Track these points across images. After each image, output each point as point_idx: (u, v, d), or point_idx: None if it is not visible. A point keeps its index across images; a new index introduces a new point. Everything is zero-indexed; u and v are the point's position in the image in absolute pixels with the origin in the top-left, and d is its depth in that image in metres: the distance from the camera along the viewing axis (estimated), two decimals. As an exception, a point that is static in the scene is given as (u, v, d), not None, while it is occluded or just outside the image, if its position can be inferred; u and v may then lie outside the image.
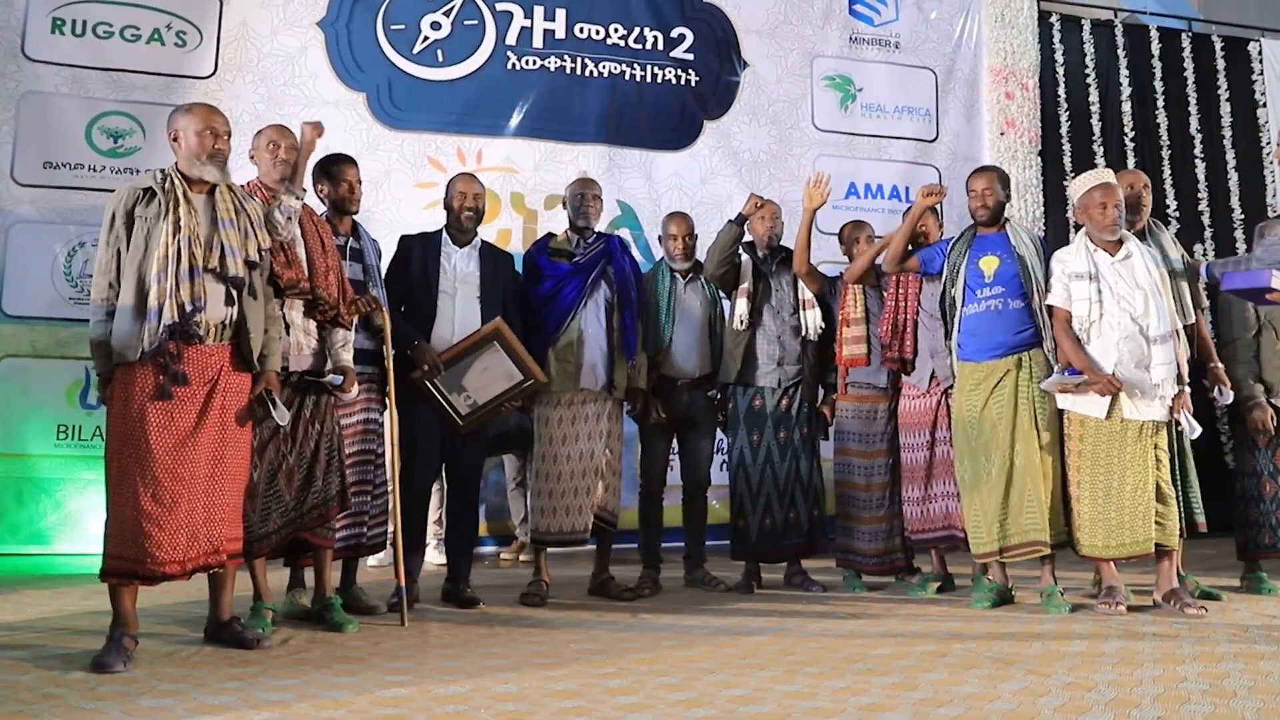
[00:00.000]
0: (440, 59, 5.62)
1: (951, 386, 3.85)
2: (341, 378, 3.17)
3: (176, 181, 2.79)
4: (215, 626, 2.92)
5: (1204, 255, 6.57)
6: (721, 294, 4.21)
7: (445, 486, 4.25)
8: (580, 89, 5.81)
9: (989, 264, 3.70)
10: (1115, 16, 7.21)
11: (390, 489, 3.41)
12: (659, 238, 4.29)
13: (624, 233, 5.47)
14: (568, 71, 5.79)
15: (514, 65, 5.71)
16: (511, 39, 5.71)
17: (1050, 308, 3.57)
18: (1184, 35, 7.17)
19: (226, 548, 2.81)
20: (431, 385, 3.50)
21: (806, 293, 4.11)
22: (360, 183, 3.58)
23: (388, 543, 3.51)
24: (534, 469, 3.81)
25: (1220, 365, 3.79)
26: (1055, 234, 6.20)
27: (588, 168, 5.76)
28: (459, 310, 3.61)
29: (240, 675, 2.53)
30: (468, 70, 5.66)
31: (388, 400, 3.45)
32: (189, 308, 2.68)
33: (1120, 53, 6.96)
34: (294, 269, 3.11)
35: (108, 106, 5.21)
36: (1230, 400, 3.74)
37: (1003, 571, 3.63)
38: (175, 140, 2.87)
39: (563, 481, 3.73)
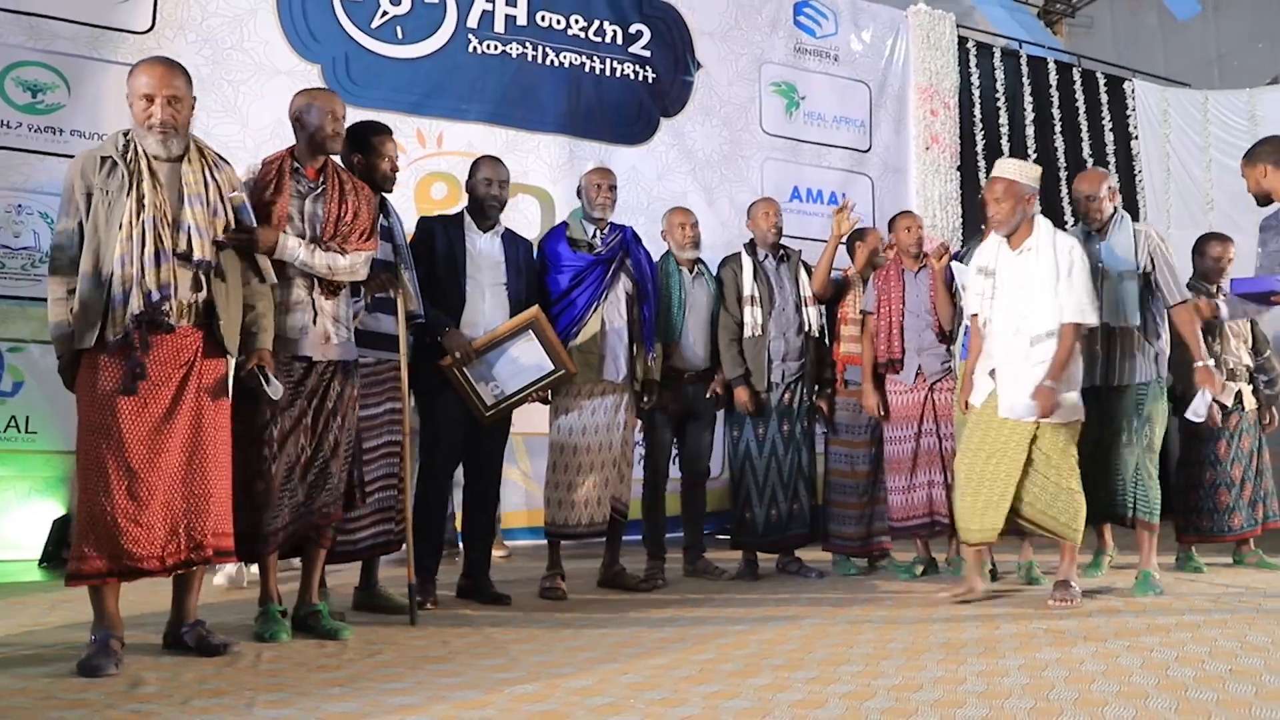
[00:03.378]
0: (400, 35, 5.39)
1: (938, 382, 4.11)
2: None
3: (140, 150, 2.53)
4: (176, 631, 2.63)
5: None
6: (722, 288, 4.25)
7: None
8: (541, 78, 5.72)
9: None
10: (1020, 47, 7.80)
11: (401, 481, 3.23)
12: (661, 232, 4.29)
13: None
14: (529, 59, 5.69)
15: (475, 49, 5.55)
16: (473, 21, 5.56)
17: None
18: (1074, 70, 7.83)
19: (212, 543, 2.57)
20: (460, 373, 3.36)
21: (808, 289, 4.22)
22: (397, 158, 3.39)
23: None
24: (551, 461, 3.72)
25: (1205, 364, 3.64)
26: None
27: (548, 157, 5.70)
28: (488, 297, 3.48)
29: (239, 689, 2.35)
30: (428, 50, 5.46)
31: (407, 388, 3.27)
32: (156, 295, 2.45)
33: (1024, 80, 7.53)
34: None
35: (25, 55, 4.67)
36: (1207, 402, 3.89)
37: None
38: (130, 104, 2.59)
39: (582, 473, 3.67)
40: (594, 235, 3.80)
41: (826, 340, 4.37)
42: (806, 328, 4.20)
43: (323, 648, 2.69)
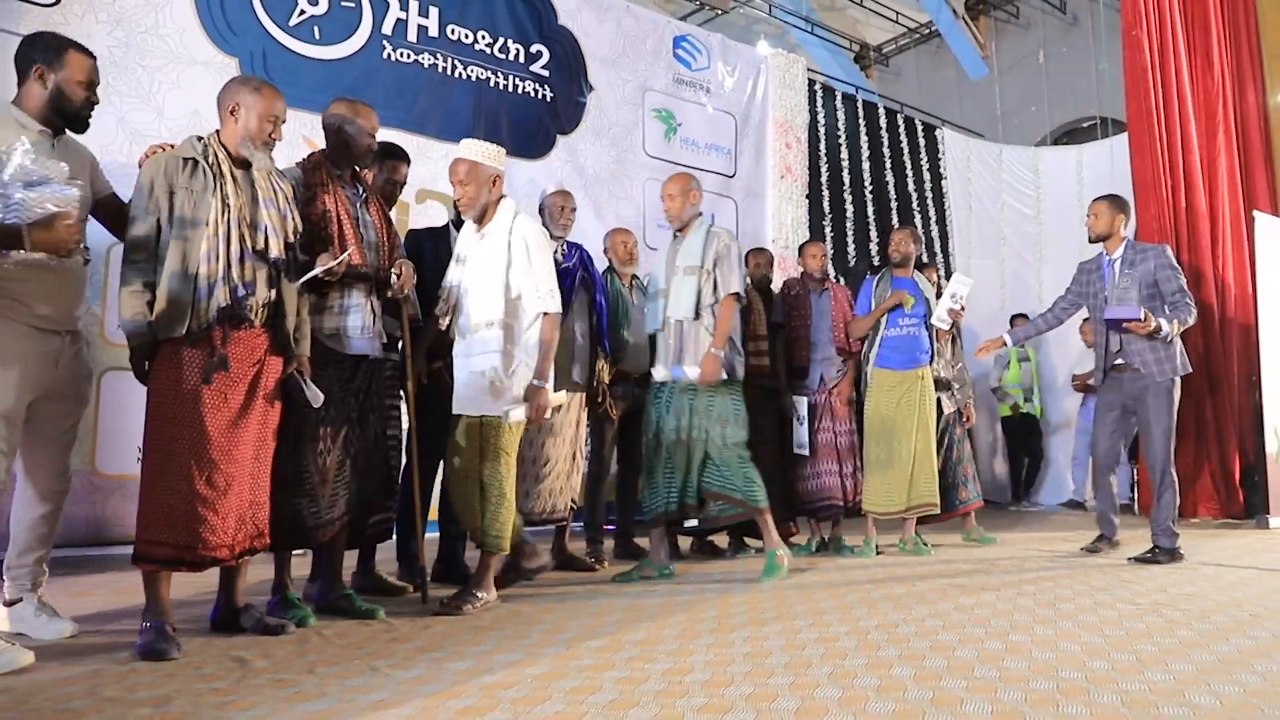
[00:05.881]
0: (316, 35, 5.44)
1: (836, 386, 4.83)
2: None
3: (221, 156, 2.72)
4: (229, 614, 2.79)
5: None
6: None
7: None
8: (451, 89, 5.94)
9: (907, 300, 4.67)
10: (857, 92, 8.80)
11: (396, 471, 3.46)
12: (604, 250, 4.70)
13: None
14: (439, 70, 5.90)
15: (390, 55, 5.70)
16: (388, 28, 5.70)
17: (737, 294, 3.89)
18: (899, 115, 8.93)
19: (267, 531, 2.79)
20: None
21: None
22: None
23: None
24: (519, 454, 4.01)
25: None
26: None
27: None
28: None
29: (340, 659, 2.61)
30: (344, 53, 5.54)
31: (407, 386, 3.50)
32: (241, 290, 2.65)
33: (860, 122, 8.53)
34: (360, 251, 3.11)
35: (-91, 21, 4.39)
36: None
37: (913, 526, 4.71)
38: (231, 113, 2.77)
39: (549, 467, 4.02)
40: (556, 251, 4.15)
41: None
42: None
43: (369, 626, 2.91)
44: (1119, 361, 4.41)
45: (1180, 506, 6.08)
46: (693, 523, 4.17)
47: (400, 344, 3.39)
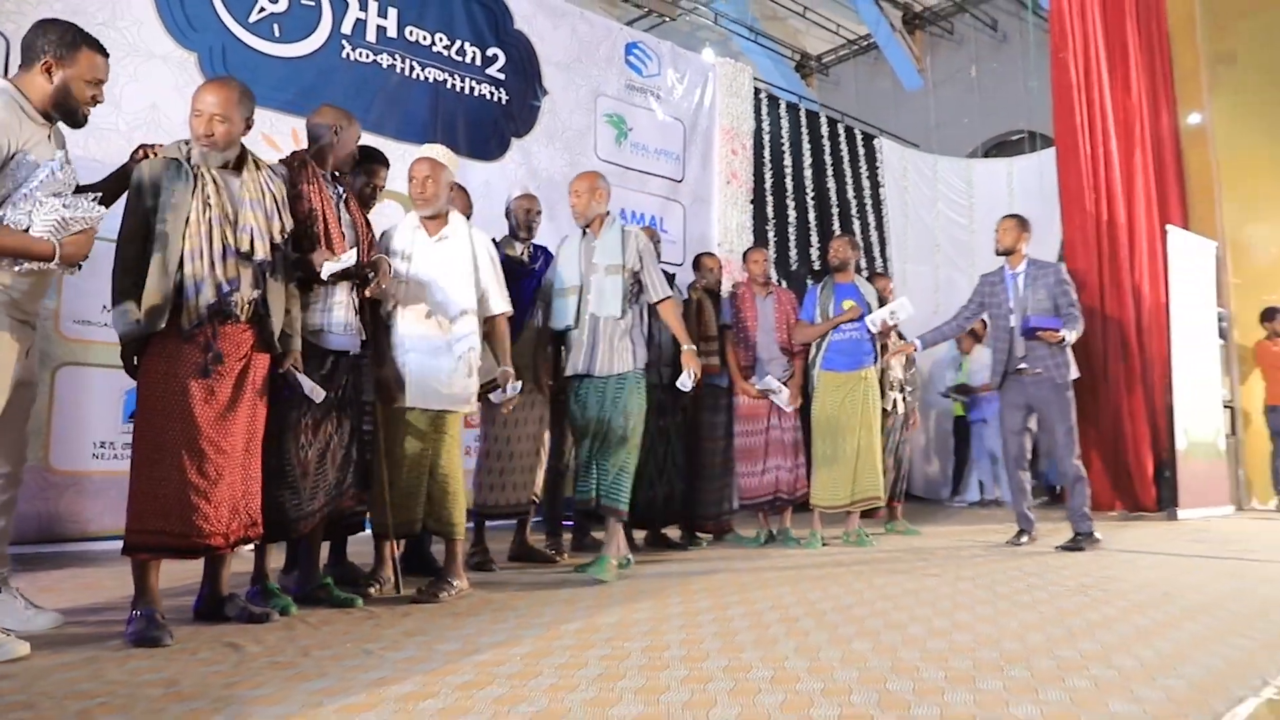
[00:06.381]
0: (276, 33, 5.47)
1: (785, 383, 5.04)
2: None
3: (201, 160, 2.77)
4: (214, 604, 2.87)
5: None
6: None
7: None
8: (409, 90, 6.01)
9: (849, 305, 4.92)
10: (800, 101, 9.08)
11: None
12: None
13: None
14: (398, 71, 5.97)
15: (349, 55, 5.75)
16: (347, 28, 5.75)
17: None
18: (840, 125, 9.25)
19: (260, 520, 2.87)
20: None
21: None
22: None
23: None
24: (485, 449, 4.16)
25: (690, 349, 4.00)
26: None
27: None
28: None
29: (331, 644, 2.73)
30: (304, 51, 5.58)
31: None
32: (226, 288, 2.73)
33: (803, 130, 8.81)
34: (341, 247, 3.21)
35: None
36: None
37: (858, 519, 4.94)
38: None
39: (513, 461, 4.15)
40: (523, 253, 4.29)
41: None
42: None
43: (350, 614, 3.01)
44: (1022, 365, 4.82)
45: (1100, 500, 6.55)
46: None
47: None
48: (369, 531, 3.53)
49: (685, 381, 3.90)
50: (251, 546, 3.27)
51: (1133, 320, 6.87)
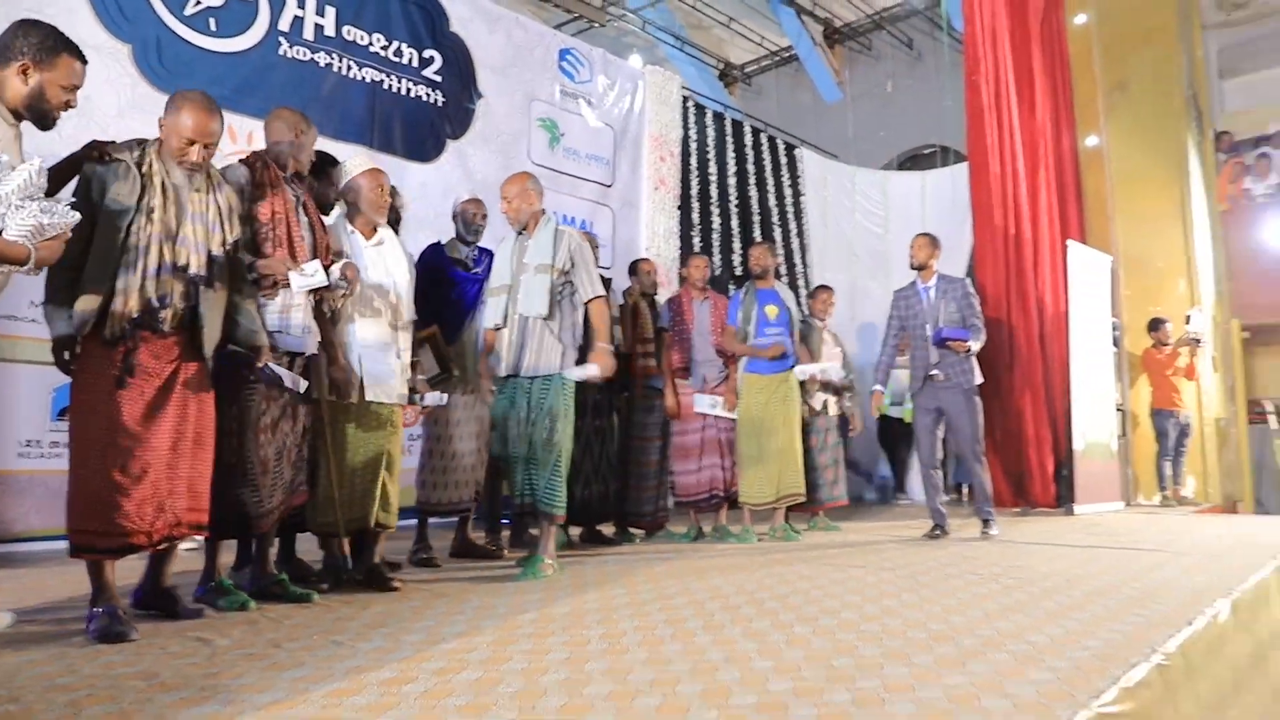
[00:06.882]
0: (213, 27, 5.43)
1: (718, 386, 5.29)
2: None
3: (156, 168, 2.80)
4: (155, 596, 2.92)
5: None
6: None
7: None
8: (346, 90, 6.03)
9: (771, 310, 5.22)
10: (725, 110, 9.35)
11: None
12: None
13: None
14: (335, 70, 5.97)
15: (286, 52, 5.73)
16: (284, 25, 5.73)
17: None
18: (763, 134, 9.55)
19: (187, 518, 2.88)
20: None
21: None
22: None
23: None
24: (429, 448, 4.25)
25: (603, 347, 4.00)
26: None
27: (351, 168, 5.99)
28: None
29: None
30: (241, 46, 5.55)
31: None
32: (155, 303, 2.76)
33: (728, 139, 9.07)
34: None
35: None
36: None
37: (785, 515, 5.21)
38: (162, 127, 2.87)
39: (457, 460, 4.26)
40: (467, 256, 4.39)
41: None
42: (615, 342, 5.11)
43: (308, 609, 3.09)
44: (934, 373, 5.20)
45: (1004, 498, 7.00)
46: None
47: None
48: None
49: (578, 372, 3.87)
50: (193, 545, 3.33)
51: (1036, 329, 7.33)
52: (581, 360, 3.95)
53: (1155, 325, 8.15)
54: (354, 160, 3.76)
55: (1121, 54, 8.48)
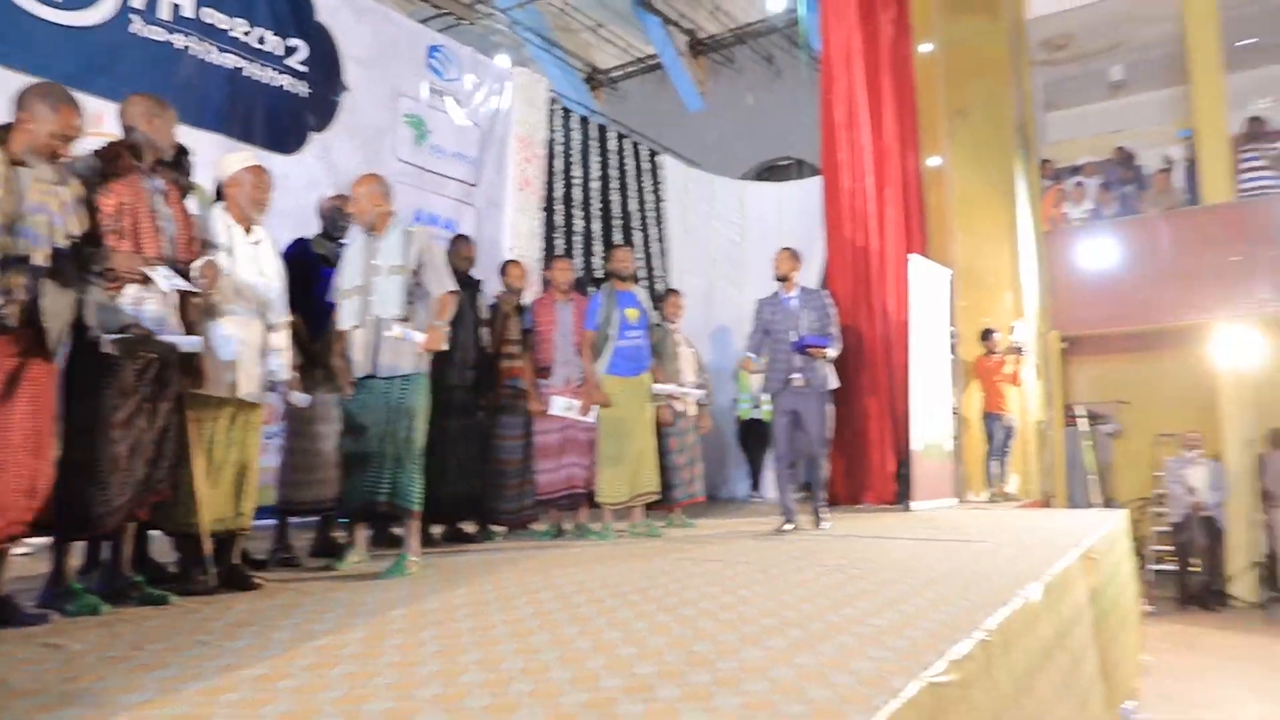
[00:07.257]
0: None
1: (579, 386, 5.38)
2: None
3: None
4: None
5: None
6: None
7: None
8: (203, 74, 5.80)
9: (632, 313, 5.37)
10: (590, 115, 9.49)
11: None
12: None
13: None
14: (191, 53, 5.75)
15: (138, 31, 5.48)
16: (138, 2, 5.48)
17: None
18: (627, 140, 9.75)
19: (14, 516, 2.76)
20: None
21: (483, 314, 5.21)
22: None
23: None
24: (291, 446, 4.18)
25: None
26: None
27: (205, 155, 5.77)
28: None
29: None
30: (90, 21, 5.26)
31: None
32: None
33: (593, 143, 9.22)
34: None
35: None
36: None
37: (643, 512, 5.40)
38: (19, 120, 2.78)
39: (318, 459, 4.21)
40: (333, 253, 4.34)
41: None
42: (482, 344, 5.17)
43: (165, 611, 3.01)
44: (794, 377, 5.53)
45: (849, 494, 7.45)
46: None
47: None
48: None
49: (404, 330, 3.85)
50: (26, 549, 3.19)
51: (881, 336, 7.82)
52: None
53: (986, 335, 8.82)
54: (238, 154, 3.75)
55: (961, 82, 9.13)
